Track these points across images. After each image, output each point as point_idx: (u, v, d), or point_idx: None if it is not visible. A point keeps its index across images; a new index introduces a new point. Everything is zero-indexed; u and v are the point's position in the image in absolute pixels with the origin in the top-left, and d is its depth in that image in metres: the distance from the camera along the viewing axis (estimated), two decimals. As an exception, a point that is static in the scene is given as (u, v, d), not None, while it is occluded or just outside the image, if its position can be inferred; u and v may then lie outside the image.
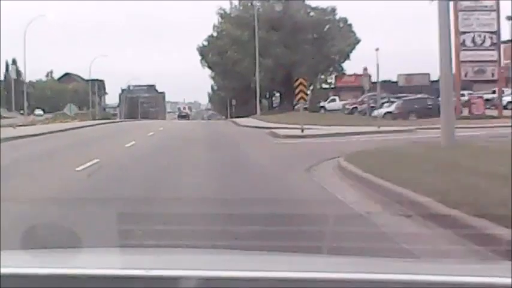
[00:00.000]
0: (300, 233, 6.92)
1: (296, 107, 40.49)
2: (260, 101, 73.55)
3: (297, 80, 35.05)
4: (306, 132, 33.31)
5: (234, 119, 66.31)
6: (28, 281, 2.28)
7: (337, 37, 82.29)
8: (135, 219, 7.94)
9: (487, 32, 47.91)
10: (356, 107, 63.93)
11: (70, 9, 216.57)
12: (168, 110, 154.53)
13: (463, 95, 52.18)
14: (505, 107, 49.35)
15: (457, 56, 46.06)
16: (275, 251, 3.54)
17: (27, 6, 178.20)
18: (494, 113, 46.75)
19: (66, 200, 11.45)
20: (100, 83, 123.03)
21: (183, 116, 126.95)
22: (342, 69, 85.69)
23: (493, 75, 49.06)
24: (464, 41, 47.70)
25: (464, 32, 47.52)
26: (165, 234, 6.99)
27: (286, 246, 5.01)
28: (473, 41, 47.84)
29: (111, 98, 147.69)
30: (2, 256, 2.61)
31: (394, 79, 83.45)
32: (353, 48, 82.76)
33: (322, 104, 73.91)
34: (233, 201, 10.98)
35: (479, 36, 47.98)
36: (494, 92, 51.88)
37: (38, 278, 2.29)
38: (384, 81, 77.54)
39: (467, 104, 48.55)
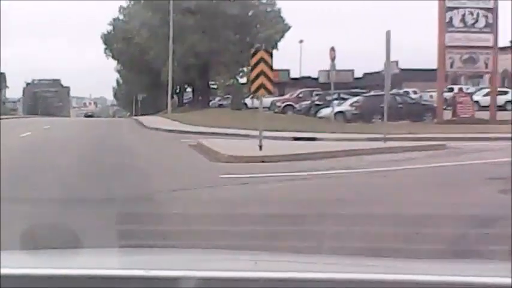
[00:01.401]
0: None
1: (211, 103, 32.20)
2: (172, 96, 65.86)
3: (255, 54, 21.34)
4: (267, 147, 19.95)
5: (140, 118, 57.15)
6: (28, 281, 2.27)
7: (264, 23, 74.12)
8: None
9: (481, 8, 37.85)
10: (291, 105, 56.09)
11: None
12: (74, 105, 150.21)
13: (451, 89, 44.50)
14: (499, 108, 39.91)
15: (442, 40, 37.43)
16: (275, 251, 3.95)
17: None
18: (487, 115, 37.86)
19: None
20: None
21: (89, 116, 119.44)
22: None
23: (486, 65, 37.67)
24: (451, 19, 37.64)
25: (451, 8, 37.64)
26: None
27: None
28: (463, 19, 37.62)
29: (14, 92, 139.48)
30: (2, 256, 2.55)
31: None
32: (282, 36, 74.62)
33: (245, 100, 65.21)
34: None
35: (471, 13, 37.66)
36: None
37: (38, 278, 2.29)
38: (304, 78, 76.39)
39: (453, 102, 39.37)
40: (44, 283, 2.25)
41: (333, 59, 35.29)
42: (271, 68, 20.33)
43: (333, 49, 35.91)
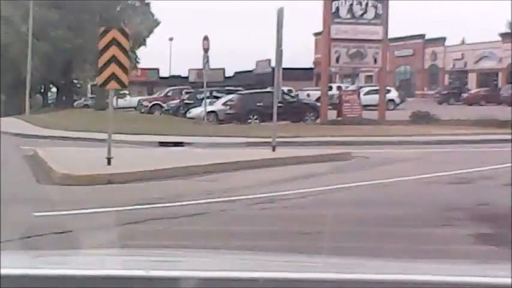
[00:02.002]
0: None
1: (76, 103, 28.82)
2: (30, 96, 61.87)
3: (104, 34, 16.12)
4: (121, 158, 15.17)
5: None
6: (28, 281, 2.24)
7: (133, 19, 69.70)
8: None
9: (371, -2, 34.66)
10: (159, 104, 54.32)
11: None
12: None
13: (329, 88, 41.65)
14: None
15: (327, 32, 34.17)
16: (275, 251, 3.91)
17: None
18: (373, 114, 35.11)
19: None
20: None
21: None
22: (137, 57, 72.74)
23: (375, 60, 34.27)
24: (337, 9, 34.08)
25: (337, -3, 34.31)
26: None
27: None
28: (350, 10, 34.05)
29: None
30: (2, 256, 2.49)
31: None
32: (151, 32, 71.45)
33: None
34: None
35: (360, 3, 34.20)
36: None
37: (38, 278, 2.27)
38: (174, 77, 75.93)
39: (339, 101, 36.29)
40: (44, 283, 2.22)
41: (206, 49, 31.35)
42: (126, 53, 15.52)
43: (206, 38, 31.98)
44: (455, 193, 11.92)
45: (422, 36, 77.31)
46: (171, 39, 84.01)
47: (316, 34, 61.26)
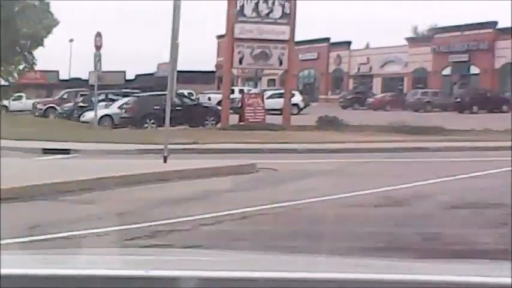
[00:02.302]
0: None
1: None
2: None
3: None
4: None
5: None
6: (28, 281, 2.25)
7: (31, 18, 66.87)
8: None
9: (278, -5, 32.92)
10: (53, 107, 52.90)
11: None
12: None
13: (241, 91, 41.59)
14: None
15: (231, 31, 31.92)
16: (275, 251, 3.80)
17: None
18: (276, 119, 32.97)
19: None
20: None
21: None
22: (33, 58, 69.61)
23: (281, 62, 32.40)
24: (242, 7, 31.87)
25: (242, -5, 32.61)
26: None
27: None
28: (256, 8, 31.82)
29: None
30: (2, 256, 2.52)
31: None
32: (49, 32, 67.27)
33: (5, 102, 61.44)
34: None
35: (266, 2, 31.93)
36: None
37: (38, 278, 2.27)
38: (74, 79, 71.85)
39: (241, 105, 34.27)
40: (44, 283, 2.22)
41: (98, 47, 28.92)
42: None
43: (99, 35, 29.47)
44: (388, 221, 9.51)
45: (327, 39, 76.35)
46: (71, 40, 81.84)
47: (219, 37, 59.66)
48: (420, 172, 14.78)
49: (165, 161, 15.28)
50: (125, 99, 38.36)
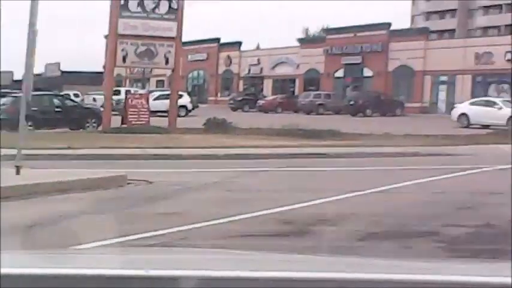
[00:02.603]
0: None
1: None
2: None
3: None
4: None
5: None
6: (28, 281, 2.22)
7: None
8: None
9: (164, -10, 31.06)
10: None
11: None
12: None
13: (117, 92, 39.40)
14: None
15: (114, 27, 29.79)
16: (275, 251, 3.86)
17: None
18: (161, 122, 31.27)
19: None
20: None
21: None
22: None
23: (167, 61, 30.93)
24: (127, 2, 29.66)
25: (125, -11, 30.52)
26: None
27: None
28: (141, 3, 29.69)
29: None
30: (2, 256, 2.50)
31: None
32: None
33: None
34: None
35: None
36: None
37: (38, 278, 2.24)
38: None
39: (123, 106, 31.68)
40: (44, 283, 2.20)
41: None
42: None
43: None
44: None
45: (217, 40, 74.76)
46: None
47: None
48: (322, 185, 12.71)
49: (17, 172, 12.71)
50: (2, 100, 35.76)
